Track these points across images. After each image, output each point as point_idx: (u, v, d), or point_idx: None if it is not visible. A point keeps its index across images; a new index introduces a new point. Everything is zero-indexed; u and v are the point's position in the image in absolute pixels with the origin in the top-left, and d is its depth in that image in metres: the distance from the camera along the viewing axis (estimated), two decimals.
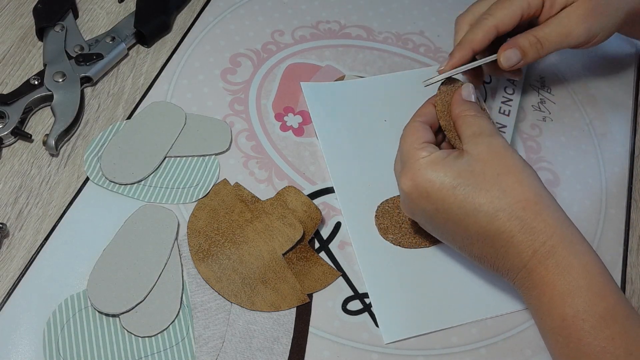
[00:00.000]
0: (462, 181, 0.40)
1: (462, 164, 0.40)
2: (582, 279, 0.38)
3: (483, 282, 0.48)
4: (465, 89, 0.46)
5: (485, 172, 0.40)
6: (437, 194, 0.40)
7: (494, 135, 0.42)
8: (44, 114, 0.54)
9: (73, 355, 0.42)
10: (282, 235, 0.46)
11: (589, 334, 0.37)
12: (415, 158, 0.42)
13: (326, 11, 0.64)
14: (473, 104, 0.45)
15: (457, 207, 0.40)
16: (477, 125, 0.42)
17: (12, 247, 0.46)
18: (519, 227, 0.39)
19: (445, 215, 0.41)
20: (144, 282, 0.44)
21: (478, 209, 0.39)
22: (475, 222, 0.40)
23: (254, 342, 0.44)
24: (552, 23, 0.49)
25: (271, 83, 0.58)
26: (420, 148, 0.42)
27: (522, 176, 0.40)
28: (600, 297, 0.38)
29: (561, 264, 0.38)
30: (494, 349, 0.46)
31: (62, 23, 0.57)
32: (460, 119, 0.44)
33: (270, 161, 0.53)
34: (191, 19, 0.62)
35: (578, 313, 0.38)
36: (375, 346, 0.45)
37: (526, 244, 0.39)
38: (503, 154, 0.41)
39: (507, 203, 0.39)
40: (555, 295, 0.39)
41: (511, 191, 0.39)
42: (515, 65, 0.48)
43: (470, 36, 0.48)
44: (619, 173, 0.57)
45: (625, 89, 0.63)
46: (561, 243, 0.39)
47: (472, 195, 0.39)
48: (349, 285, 0.48)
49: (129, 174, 0.50)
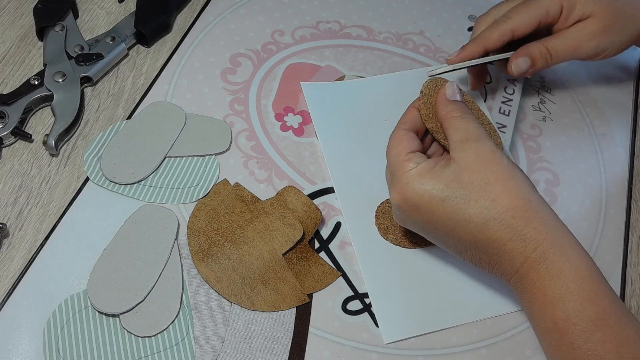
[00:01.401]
0: (450, 193, 0.40)
1: (449, 174, 0.40)
2: (573, 283, 0.38)
3: (483, 282, 0.48)
4: (449, 87, 0.45)
5: (473, 182, 0.39)
6: (427, 207, 0.40)
7: (480, 139, 0.41)
8: (44, 114, 0.54)
9: (73, 355, 0.42)
10: (282, 235, 0.46)
11: (580, 337, 0.38)
12: (402, 170, 0.42)
13: (326, 11, 0.64)
14: (458, 104, 0.44)
15: (447, 218, 0.40)
16: (464, 130, 0.42)
17: (12, 247, 0.47)
18: (509, 236, 0.39)
19: (436, 226, 0.41)
20: (144, 282, 0.44)
21: (468, 220, 0.39)
22: (466, 232, 0.40)
23: (254, 342, 0.44)
24: (564, 36, 0.50)
25: (271, 83, 0.58)
26: (407, 159, 0.42)
27: (510, 183, 0.39)
28: (591, 301, 0.38)
29: (552, 269, 0.39)
30: (494, 349, 0.46)
31: (62, 23, 0.57)
32: (446, 122, 0.43)
33: (270, 161, 0.53)
34: (191, 19, 0.62)
35: (569, 317, 0.38)
36: (375, 346, 0.45)
37: (517, 251, 0.39)
38: (490, 160, 0.40)
39: (496, 212, 0.39)
40: (546, 299, 0.39)
41: (500, 200, 0.39)
42: (525, 72, 0.50)
43: (486, 34, 0.50)
44: (619, 173, 0.57)
45: (625, 89, 0.63)
46: (552, 248, 0.39)
47: (462, 207, 0.39)
48: (349, 285, 0.48)
49: (129, 174, 0.50)
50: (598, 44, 0.50)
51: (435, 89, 0.46)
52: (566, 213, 0.53)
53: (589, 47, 0.50)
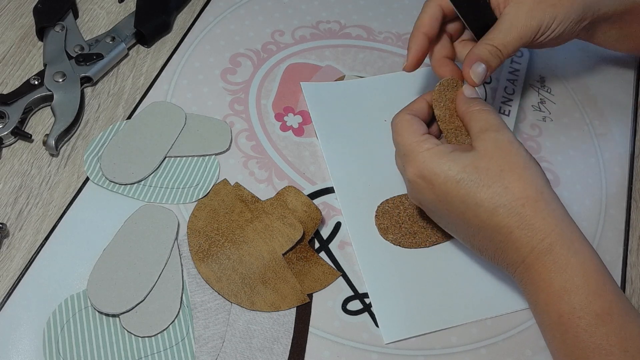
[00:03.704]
0: (465, 176, 0.40)
1: (467, 158, 0.41)
2: (579, 277, 0.38)
3: (483, 282, 0.48)
4: (467, 89, 0.45)
5: (489, 168, 0.40)
6: (441, 187, 0.41)
7: (500, 130, 0.42)
8: (44, 114, 0.54)
9: (73, 355, 0.42)
10: (282, 235, 0.46)
11: (585, 331, 0.38)
12: (418, 150, 0.42)
13: (326, 11, 0.64)
14: (477, 100, 0.44)
15: (459, 200, 0.41)
16: (484, 120, 0.42)
17: (12, 247, 0.47)
18: (517, 224, 0.39)
19: (448, 207, 0.42)
20: (144, 282, 0.44)
21: (479, 204, 0.40)
22: (475, 215, 0.40)
23: (254, 342, 0.44)
24: (503, 25, 0.47)
25: (271, 83, 0.58)
26: (423, 140, 0.42)
27: (525, 173, 0.40)
28: (596, 295, 0.38)
29: (558, 262, 0.39)
30: (494, 349, 0.46)
31: (62, 23, 0.57)
32: (467, 116, 0.44)
33: (270, 161, 0.53)
34: (191, 19, 0.62)
35: (574, 310, 0.38)
36: (375, 346, 0.45)
37: (524, 240, 0.39)
38: (508, 150, 0.41)
39: (507, 199, 0.39)
40: (552, 292, 0.39)
41: (512, 188, 0.39)
42: (485, 77, 0.47)
43: (418, 22, 0.48)
44: (619, 173, 0.57)
45: (625, 89, 0.63)
46: (559, 241, 0.39)
47: (475, 191, 0.40)
48: (349, 285, 0.48)
49: (129, 174, 0.50)
50: (540, 20, 0.47)
51: (454, 86, 0.46)
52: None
53: (532, 27, 0.46)
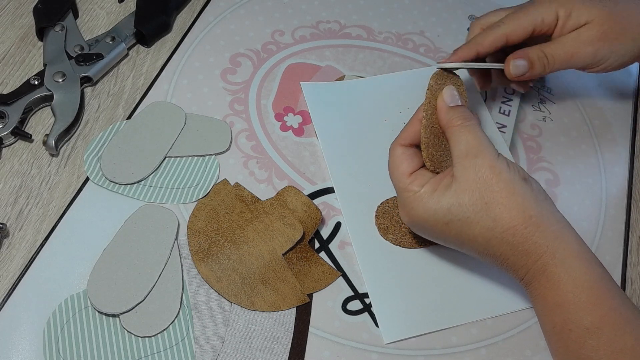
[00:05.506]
0: (453, 217, 0.41)
1: (450, 197, 0.41)
2: (570, 293, 0.40)
3: (483, 282, 0.48)
4: (447, 92, 0.45)
5: (474, 204, 0.41)
6: (434, 228, 0.43)
7: (479, 154, 0.41)
8: (44, 114, 0.54)
9: (73, 355, 0.42)
10: (282, 235, 0.46)
11: (575, 343, 0.40)
12: (407, 195, 0.43)
13: (326, 11, 0.64)
14: (458, 109, 0.44)
15: (453, 238, 0.43)
16: (465, 143, 0.42)
17: (12, 247, 0.47)
18: (511, 252, 0.41)
19: (446, 241, 0.44)
20: (144, 282, 0.44)
21: (473, 240, 0.42)
22: (472, 247, 0.42)
23: (254, 342, 0.44)
24: (561, 42, 0.50)
25: (271, 83, 0.58)
26: (410, 182, 0.43)
27: (510, 201, 0.40)
28: (587, 311, 0.39)
29: (551, 279, 0.40)
30: (494, 349, 0.46)
31: (62, 23, 0.57)
32: (449, 131, 0.44)
33: (270, 161, 0.53)
34: (191, 19, 0.62)
35: (565, 323, 0.40)
36: (375, 346, 0.45)
37: (520, 264, 0.41)
38: (489, 178, 0.41)
39: (497, 232, 0.41)
40: (547, 305, 0.41)
41: (500, 220, 0.40)
42: (522, 76, 0.49)
43: (479, 39, 0.49)
44: (619, 173, 0.57)
45: (626, 89, 0.63)
46: (552, 260, 0.40)
47: (465, 230, 0.41)
48: (349, 285, 0.48)
49: (129, 174, 0.50)
50: (596, 50, 0.49)
51: (441, 85, 0.46)
52: (566, 213, 0.53)
53: (586, 52, 0.49)
